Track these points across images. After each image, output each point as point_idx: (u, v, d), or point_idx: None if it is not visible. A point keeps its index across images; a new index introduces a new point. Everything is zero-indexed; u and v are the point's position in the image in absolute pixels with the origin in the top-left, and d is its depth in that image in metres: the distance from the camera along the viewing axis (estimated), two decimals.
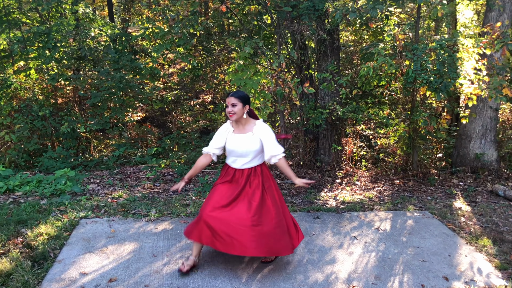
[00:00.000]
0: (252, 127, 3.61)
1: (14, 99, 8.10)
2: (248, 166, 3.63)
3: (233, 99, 3.52)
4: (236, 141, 3.58)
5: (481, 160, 6.91)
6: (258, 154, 3.64)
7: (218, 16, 9.20)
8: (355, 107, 6.84)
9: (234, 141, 3.59)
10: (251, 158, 3.61)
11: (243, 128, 3.62)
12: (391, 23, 7.50)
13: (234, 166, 3.66)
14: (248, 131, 3.60)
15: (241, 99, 3.52)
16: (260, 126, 3.62)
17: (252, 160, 3.63)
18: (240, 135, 3.60)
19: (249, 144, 3.57)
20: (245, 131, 3.61)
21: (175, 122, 10.11)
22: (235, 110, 3.51)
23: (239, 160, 3.63)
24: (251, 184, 3.60)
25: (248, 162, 3.62)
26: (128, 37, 8.74)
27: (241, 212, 3.43)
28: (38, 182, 5.85)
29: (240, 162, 3.63)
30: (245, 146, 3.57)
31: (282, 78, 6.10)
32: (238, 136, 3.59)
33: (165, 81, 11.87)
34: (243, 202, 3.50)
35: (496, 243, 4.41)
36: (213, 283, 3.45)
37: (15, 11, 8.43)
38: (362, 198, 5.79)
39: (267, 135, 3.59)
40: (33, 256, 3.76)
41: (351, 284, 3.52)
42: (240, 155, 3.60)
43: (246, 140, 3.58)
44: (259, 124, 3.63)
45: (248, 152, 3.58)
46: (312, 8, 6.10)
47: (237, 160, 3.64)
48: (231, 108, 3.52)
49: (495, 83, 5.47)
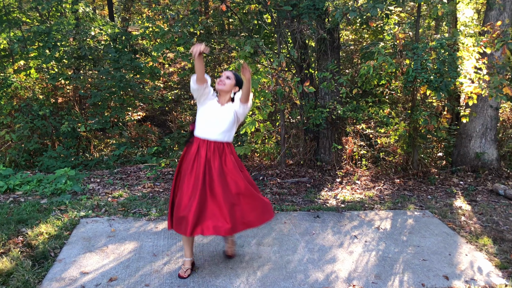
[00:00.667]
0: (230, 101, 3.48)
1: (15, 98, 8.10)
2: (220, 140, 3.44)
3: (231, 73, 3.48)
4: (214, 107, 3.44)
5: (482, 159, 6.91)
6: (230, 128, 3.47)
7: (218, 15, 9.19)
8: (356, 106, 6.84)
9: (213, 105, 3.45)
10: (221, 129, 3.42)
11: (225, 99, 3.46)
12: (391, 22, 7.50)
13: (204, 136, 3.42)
14: (227, 102, 3.46)
15: (236, 78, 3.48)
16: (236, 101, 3.46)
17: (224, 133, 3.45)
18: (220, 105, 3.45)
19: (225, 114, 3.41)
20: (224, 102, 3.46)
21: (175, 121, 10.11)
22: (226, 82, 3.43)
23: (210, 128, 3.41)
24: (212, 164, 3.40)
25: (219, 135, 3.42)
26: (128, 36, 8.74)
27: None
28: (39, 181, 5.85)
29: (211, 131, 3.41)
30: (221, 114, 3.40)
31: (282, 77, 6.10)
32: (218, 104, 3.45)
33: (165, 80, 11.86)
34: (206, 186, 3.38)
35: (497, 242, 4.41)
36: (213, 282, 3.45)
37: (15, 10, 8.43)
38: (363, 197, 5.79)
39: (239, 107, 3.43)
40: (33, 256, 3.77)
41: (351, 283, 3.52)
42: (215, 124, 3.40)
43: (224, 110, 3.42)
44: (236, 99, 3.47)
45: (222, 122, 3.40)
46: (312, 7, 6.10)
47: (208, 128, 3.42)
48: (224, 78, 3.44)
49: (496, 82, 5.47)
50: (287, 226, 4.63)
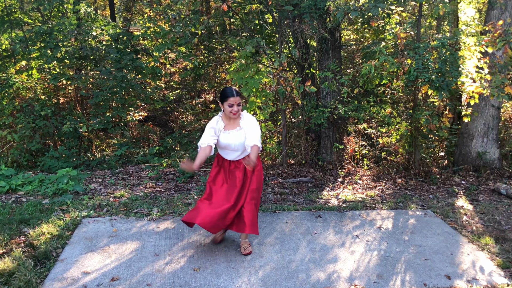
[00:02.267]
0: (239, 121, 3.75)
1: (16, 98, 8.12)
2: (240, 157, 3.82)
3: (239, 98, 3.64)
4: (229, 138, 3.73)
5: (483, 159, 6.90)
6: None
7: (219, 15, 9.20)
8: (357, 106, 6.83)
9: (227, 137, 3.73)
10: (242, 151, 3.79)
11: (233, 123, 3.75)
12: (393, 22, 7.49)
13: (228, 158, 3.85)
14: (237, 126, 3.74)
15: (241, 97, 3.59)
16: (245, 119, 3.75)
17: (243, 152, 3.80)
18: (232, 131, 3.74)
19: (239, 138, 3.72)
20: (235, 126, 3.75)
21: (177, 121, 10.12)
22: (240, 109, 3.66)
23: (232, 153, 3.81)
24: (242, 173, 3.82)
25: (240, 155, 3.82)
26: (130, 36, 8.74)
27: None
28: (40, 181, 5.86)
29: (233, 155, 3.83)
30: (237, 140, 3.72)
31: (284, 77, 6.10)
32: (231, 133, 3.73)
33: (166, 81, 11.88)
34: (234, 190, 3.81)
35: (498, 241, 4.40)
36: (215, 281, 3.45)
37: (17, 11, 8.45)
38: (364, 197, 5.78)
39: (250, 126, 3.72)
40: (35, 255, 3.77)
41: (353, 282, 3.52)
42: (233, 150, 3.78)
43: (237, 135, 3.72)
44: (245, 116, 3.76)
45: (239, 146, 3.75)
46: (314, 7, 6.10)
47: (230, 153, 3.82)
48: (236, 108, 3.63)
49: (497, 81, 5.46)
50: (289, 225, 4.63)
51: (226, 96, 3.63)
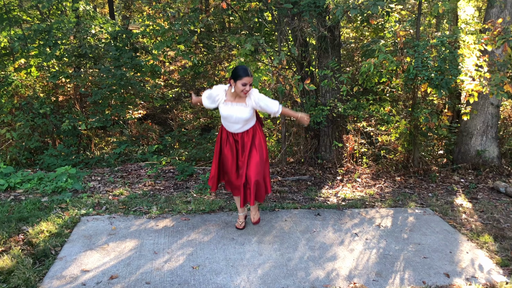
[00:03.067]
0: (245, 99, 3.85)
1: (15, 96, 8.10)
2: (241, 130, 4.02)
3: (252, 79, 3.76)
4: (230, 110, 3.86)
5: (482, 157, 6.90)
6: (250, 120, 3.98)
7: (218, 13, 9.19)
8: (356, 104, 6.83)
9: (228, 109, 3.86)
10: (242, 125, 3.97)
11: (238, 99, 3.85)
12: (392, 20, 7.48)
13: (230, 130, 4.04)
14: (241, 102, 3.85)
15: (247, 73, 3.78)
16: (253, 96, 3.86)
17: (244, 126, 3.99)
18: (235, 104, 3.85)
19: (242, 113, 3.85)
20: (239, 101, 3.85)
21: (176, 120, 10.11)
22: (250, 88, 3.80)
23: (233, 126, 3.99)
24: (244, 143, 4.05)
25: (240, 128, 3.97)
26: (129, 34, 8.73)
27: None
28: (39, 179, 5.85)
29: (234, 127, 3.99)
30: (239, 114, 3.86)
31: (283, 75, 6.09)
32: (232, 106, 3.85)
33: (166, 79, 11.86)
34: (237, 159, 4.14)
35: (497, 239, 4.41)
36: (214, 279, 3.45)
37: (15, 8, 8.43)
38: (363, 195, 5.78)
39: (261, 101, 3.89)
40: (34, 254, 3.77)
41: (352, 280, 3.53)
42: (235, 122, 3.92)
43: (240, 109, 3.84)
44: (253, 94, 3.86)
45: (238, 120, 3.88)
46: (313, 5, 6.09)
47: (231, 125, 3.99)
48: (248, 87, 3.75)
49: (497, 79, 5.46)
50: (288, 224, 4.63)
51: (240, 76, 3.71)
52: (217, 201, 5.19)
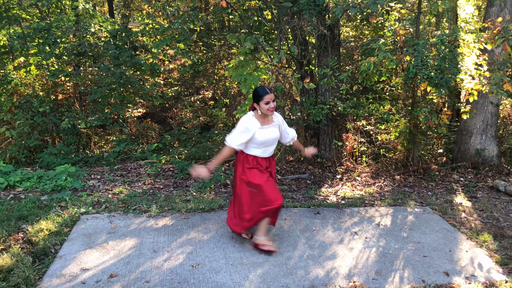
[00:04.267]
0: (273, 118, 3.89)
1: (15, 95, 8.10)
2: (273, 152, 4.00)
3: (273, 95, 3.74)
4: (267, 133, 3.81)
5: (482, 156, 6.90)
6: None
7: (218, 12, 9.18)
8: (356, 103, 6.83)
9: (265, 133, 3.81)
10: (275, 146, 3.97)
11: (268, 120, 3.86)
12: (392, 19, 7.48)
13: (264, 155, 3.89)
14: (271, 122, 3.87)
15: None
16: (277, 116, 3.95)
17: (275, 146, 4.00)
18: (268, 127, 3.84)
19: (275, 133, 3.87)
20: (270, 122, 3.86)
21: (176, 118, 10.11)
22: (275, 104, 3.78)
23: (268, 149, 3.90)
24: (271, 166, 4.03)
25: (274, 150, 3.99)
26: (128, 33, 8.72)
27: None
28: (39, 178, 5.85)
29: (269, 151, 3.91)
30: (274, 135, 3.86)
31: (283, 74, 6.09)
32: (267, 128, 3.83)
33: (165, 77, 11.86)
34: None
35: (497, 238, 4.41)
36: (213, 278, 3.45)
37: (15, 7, 8.41)
38: (363, 193, 5.79)
39: (283, 122, 4.01)
40: (34, 252, 3.77)
41: (351, 279, 3.53)
42: (271, 145, 3.89)
43: (273, 131, 3.86)
44: (275, 114, 3.92)
45: (275, 140, 3.91)
46: (313, 4, 6.08)
47: (266, 149, 3.89)
48: (273, 104, 3.73)
49: (496, 78, 5.46)
50: (288, 222, 4.63)
51: (261, 96, 3.69)
52: (217, 200, 5.20)
